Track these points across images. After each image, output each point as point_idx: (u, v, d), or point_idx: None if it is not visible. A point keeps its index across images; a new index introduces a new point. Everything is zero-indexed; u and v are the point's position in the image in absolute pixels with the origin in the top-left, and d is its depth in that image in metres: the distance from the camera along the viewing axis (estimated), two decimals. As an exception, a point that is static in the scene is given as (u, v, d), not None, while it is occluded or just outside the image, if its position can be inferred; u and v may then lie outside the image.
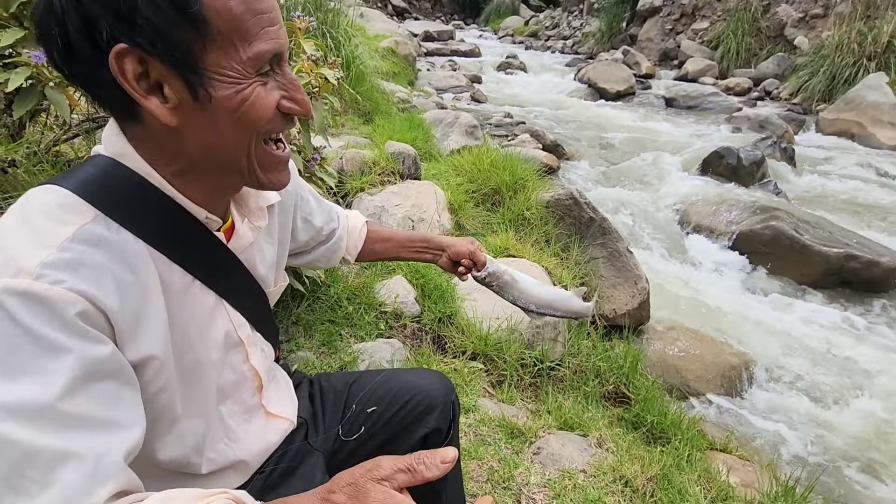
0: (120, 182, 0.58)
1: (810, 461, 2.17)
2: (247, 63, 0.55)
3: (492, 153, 3.36)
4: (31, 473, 0.45)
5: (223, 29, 0.53)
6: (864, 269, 3.44)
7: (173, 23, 0.51)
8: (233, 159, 0.60)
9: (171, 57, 0.52)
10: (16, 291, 0.48)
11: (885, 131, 6.43)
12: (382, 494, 0.46)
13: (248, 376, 0.78)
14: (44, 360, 0.48)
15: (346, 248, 1.07)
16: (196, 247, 0.65)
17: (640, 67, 9.65)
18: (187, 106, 0.55)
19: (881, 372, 2.71)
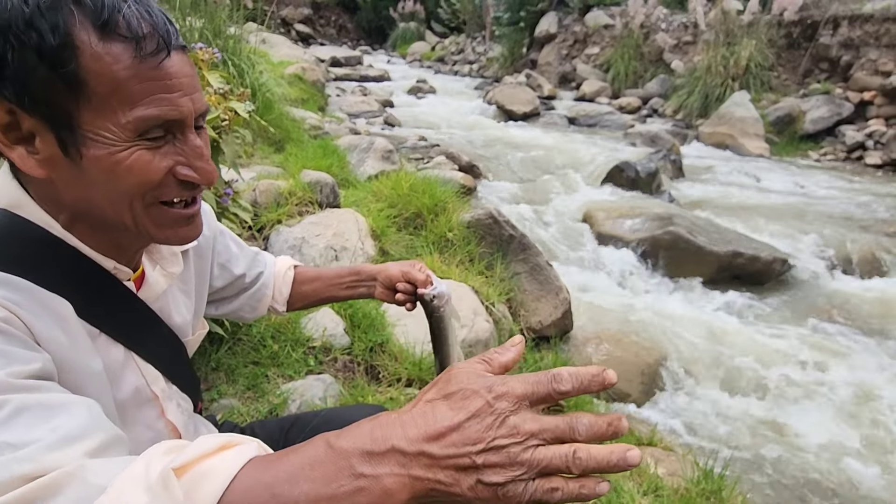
0: (16, 235, 0.55)
1: (724, 443, 2.38)
2: (125, 126, 0.52)
3: (410, 177, 3.39)
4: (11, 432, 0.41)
5: (101, 91, 0.50)
6: (748, 264, 3.88)
7: (44, 80, 0.49)
8: (114, 217, 0.57)
9: (40, 112, 0.50)
10: None
11: (752, 141, 7.36)
12: (472, 373, 0.42)
13: (165, 433, 0.73)
14: None
15: (272, 295, 0.99)
16: (102, 299, 0.61)
17: (543, 89, 10.29)
18: (59, 160, 0.53)
19: (773, 354, 3.05)
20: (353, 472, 0.39)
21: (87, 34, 0.49)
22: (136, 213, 0.57)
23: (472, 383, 0.41)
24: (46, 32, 0.48)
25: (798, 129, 7.60)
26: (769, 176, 6.32)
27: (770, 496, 2.14)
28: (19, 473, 0.38)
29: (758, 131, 7.38)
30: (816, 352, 3.09)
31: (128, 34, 0.51)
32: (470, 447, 0.39)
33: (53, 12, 0.48)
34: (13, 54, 0.48)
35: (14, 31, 0.47)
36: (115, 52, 0.50)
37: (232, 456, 0.41)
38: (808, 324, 3.43)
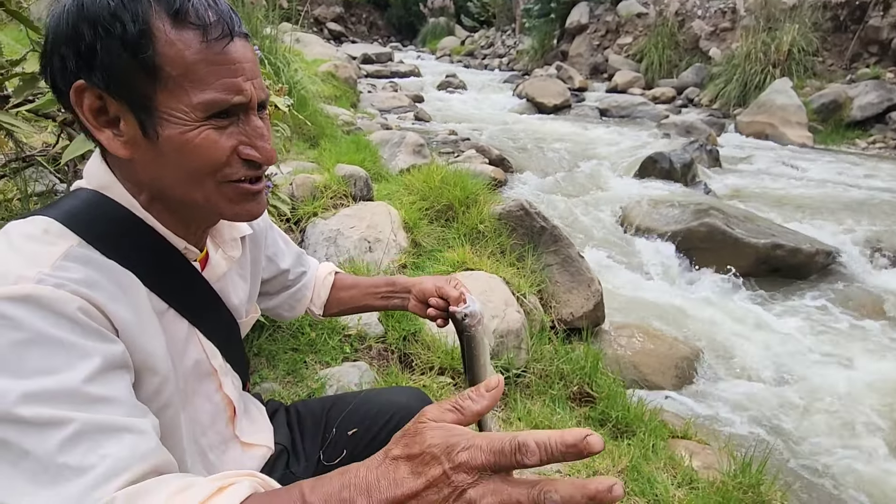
0: (103, 214, 0.59)
1: (762, 437, 2.33)
2: (196, 107, 0.56)
3: (441, 170, 3.42)
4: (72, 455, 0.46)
5: (174, 74, 0.55)
6: (789, 256, 3.75)
7: (127, 66, 0.54)
8: (185, 193, 0.61)
9: (124, 96, 0.55)
10: (18, 297, 0.48)
11: (794, 130, 7.08)
12: (437, 430, 0.41)
13: (222, 405, 0.78)
14: (59, 360, 0.48)
15: (311, 297, 1.02)
16: (174, 276, 0.66)
17: (574, 81, 10.14)
18: (139, 141, 0.57)
19: (811, 351, 2.95)
20: None
21: (162, 22, 0.54)
22: (208, 191, 0.61)
23: (435, 446, 0.39)
24: (128, 22, 0.53)
25: (844, 116, 7.26)
26: (812, 166, 6.08)
27: (809, 494, 2.09)
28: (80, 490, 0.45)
29: (800, 119, 7.09)
30: (860, 348, 2.98)
31: (196, 21, 0.55)
32: None
33: (134, 3, 0.53)
34: (101, 44, 0.53)
35: (101, 23, 0.53)
36: (186, 38, 0.55)
37: (226, 498, 0.46)
38: (851, 319, 3.30)
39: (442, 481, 0.38)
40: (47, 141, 2.25)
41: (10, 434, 0.46)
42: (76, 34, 0.53)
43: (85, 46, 0.53)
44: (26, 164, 1.82)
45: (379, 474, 0.42)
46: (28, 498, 0.44)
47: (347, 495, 0.42)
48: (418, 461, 0.40)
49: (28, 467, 0.45)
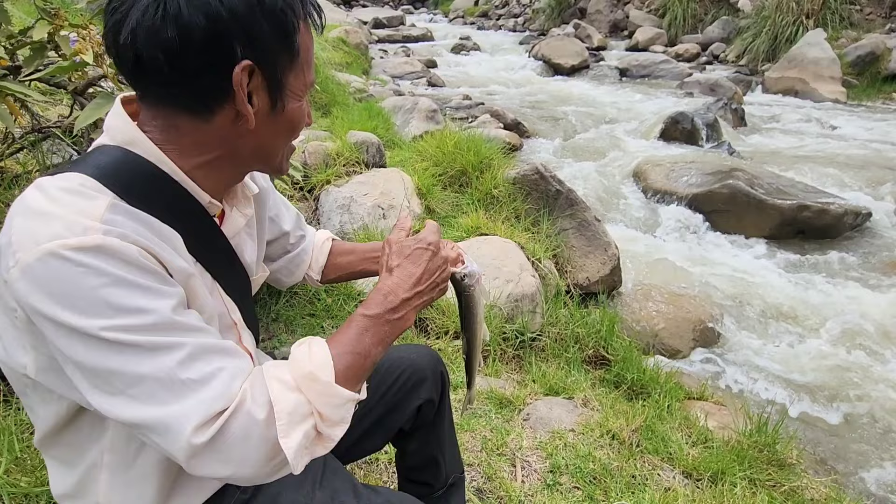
0: (131, 169, 0.62)
1: (778, 399, 2.31)
2: (308, 85, 0.69)
3: (454, 136, 3.37)
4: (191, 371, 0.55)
5: (302, 59, 0.67)
6: (815, 217, 3.63)
7: (280, 50, 0.63)
8: (273, 154, 0.71)
9: (271, 76, 0.63)
10: (91, 247, 0.52)
11: (826, 85, 6.74)
12: (408, 240, 0.75)
13: None
14: (143, 299, 0.54)
15: (309, 262, 1.02)
16: (200, 230, 0.69)
17: (592, 40, 9.78)
18: (264, 113, 0.65)
19: (837, 312, 2.89)
20: (388, 323, 0.68)
21: (300, 18, 0.65)
22: (284, 150, 0.73)
23: (413, 245, 0.74)
24: (292, 14, 0.63)
25: (882, 68, 6.88)
26: (845, 122, 5.81)
27: (825, 453, 2.08)
28: (215, 410, 0.55)
29: (833, 74, 6.74)
30: (887, 310, 2.90)
31: (314, 18, 0.68)
32: (434, 277, 0.74)
33: (294, 1, 0.63)
34: (269, 27, 0.61)
35: (275, 14, 0.61)
36: (309, 31, 0.67)
37: (318, 343, 0.65)
38: (880, 280, 3.20)
39: (430, 258, 0.73)
40: (62, 113, 2.27)
41: (122, 363, 0.52)
42: (252, 18, 0.59)
43: (258, 29, 0.60)
44: (43, 137, 1.85)
45: (398, 277, 0.71)
46: (162, 411, 0.53)
47: (392, 297, 0.69)
48: (413, 256, 0.73)
49: (145, 390, 0.53)
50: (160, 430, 0.54)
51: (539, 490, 1.46)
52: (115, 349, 0.52)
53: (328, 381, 0.60)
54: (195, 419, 0.53)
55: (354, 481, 0.83)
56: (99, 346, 0.52)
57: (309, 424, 0.59)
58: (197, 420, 0.53)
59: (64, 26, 1.35)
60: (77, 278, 0.52)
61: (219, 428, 0.54)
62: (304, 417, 0.58)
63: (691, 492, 1.51)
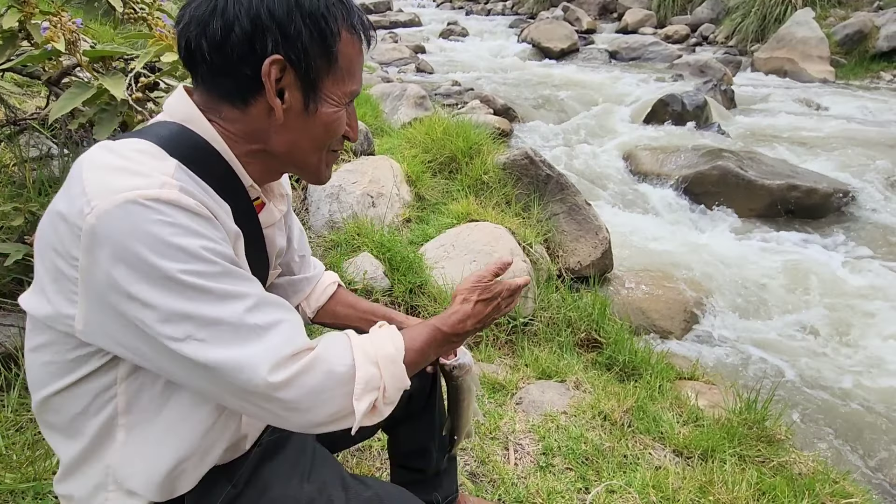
0: (191, 142, 0.67)
1: (768, 377, 2.34)
2: (347, 94, 0.72)
3: (443, 122, 3.34)
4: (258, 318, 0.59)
5: (342, 67, 0.69)
6: (804, 197, 3.65)
7: (317, 53, 0.66)
8: (305, 157, 0.73)
9: (304, 75, 0.67)
10: (168, 200, 0.56)
11: (815, 65, 6.74)
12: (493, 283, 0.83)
13: None
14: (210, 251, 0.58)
15: (308, 295, 1.01)
16: (242, 209, 0.72)
17: (581, 23, 9.70)
18: (296, 112, 0.68)
19: (825, 290, 2.92)
20: (449, 342, 0.80)
21: (345, 27, 0.68)
22: (320, 157, 0.75)
23: (497, 290, 0.83)
24: (332, 22, 0.66)
25: (869, 47, 6.89)
26: (833, 102, 5.82)
27: (814, 429, 2.11)
28: (285, 354, 0.59)
29: (822, 53, 6.74)
30: (874, 288, 2.93)
31: (362, 33, 0.71)
32: (488, 320, 0.83)
33: (336, 9, 0.67)
34: (307, 32, 0.65)
35: (315, 17, 0.65)
36: (354, 42, 0.70)
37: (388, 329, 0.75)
38: (868, 258, 3.24)
39: (496, 308, 0.83)
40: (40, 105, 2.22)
41: (196, 306, 0.56)
42: (289, 19, 0.63)
43: (294, 30, 0.64)
44: (20, 129, 1.81)
45: (476, 311, 0.81)
46: (235, 352, 0.57)
47: (464, 325, 0.80)
48: (489, 301, 0.82)
49: (216, 334, 0.57)
50: (235, 372, 0.57)
51: (532, 472, 1.47)
52: (191, 292, 0.56)
53: (403, 367, 0.70)
54: (269, 361, 0.58)
55: (343, 473, 0.83)
56: (175, 288, 0.55)
57: (375, 396, 0.66)
58: (271, 361, 0.58)
59: (35, 14, 1.31)
60: (156, 225, 0.55)
61: (296, 372, 0.60)
62: (374, 389, 0.66)
63: (682, 469, 1.53)
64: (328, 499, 0.77)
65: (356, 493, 0.79)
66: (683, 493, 1.42)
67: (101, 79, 1.31)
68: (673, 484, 1.44)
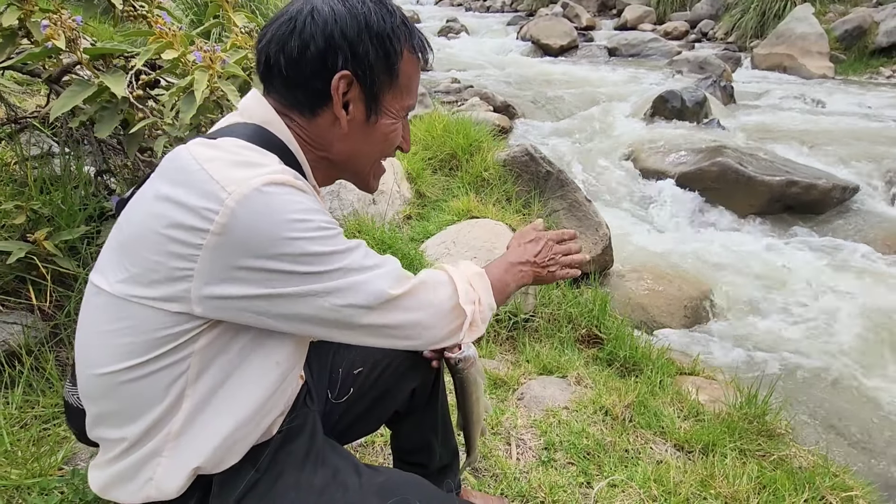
0: (272, 141, 0.73)
1: (768, 372, 2.35)
2: (404, 108, 0.79)
3: (443, 119, 3.34)
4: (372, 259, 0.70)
5: (402, 83, 0.76)
6: (803, 193, 3.65)
7: (381, 70, 0.73)
8: (363, 165, 0.80)
9: (369, 89, 0.74)
10: (287, 182, 0.64)
11: (814, 61, 6.74)
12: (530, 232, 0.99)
13: None
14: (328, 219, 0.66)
15: None
16: None
17: (581, 20, 9.69)
18: (359, 123, 0.75)
19: (824, 286, 2.93)
20: (519, 270, 0.94)
21: (406, 48, 0.75)
22: (374, 165, 0.82)
23: (533, 234, 0.99)
24: (396, 41, 0.73)
25: (869, 43, 6.88)
26: (832, 98, 5.82)
27: (814, 424, 2.12)
28: (400, 274, 0.72)
29: (821, 49, 6.73)
30: (874, 283, 2.94)
31: (422, 53, 0.79)
32: (545, 259, 0.96)
33: (399, 30, 0.74)
34: (374, 51, 0.72)
35: (382, 37, 0.72)
36: (414, 61, 0.78)
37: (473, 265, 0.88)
38: (867, 254, 3.24)
39: (544, 245, 0.97)
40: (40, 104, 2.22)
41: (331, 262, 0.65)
42: (359, 39, 0.70)
43: (363, 49, 0.71)
44: (20, 128, 1.80)
45: (524, 248, 0.96)
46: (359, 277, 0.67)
47: (522, 254, 0.95)
48: (533, 242, 0.97)
49: (350, 275, 0.67)
50: (361, 290, 0.67)
51: (534, 467, 1.47)
52: (322, 242, 0.64)
53: (489, 283, 0.85)
54: (388, 279, 0.70)
55: (355, 460, 0.84)
56: (312, 241, 0.64)
57: (474, 307, 0.80)
58: (389, 280, 0.70)
59: (34, 11, 1.31)
60: (287, 203, 0.63)
61: (412, 284, 0.73)
62: (472, 301, 0.80)
63: (683, 464, 1.54)
64: (342, 484, 0.77)
65: (369, 478, 0.79)
66: (684, 487, 1.42)
67: (102, 76, 1.31)
68: (674, 478, 1.45)
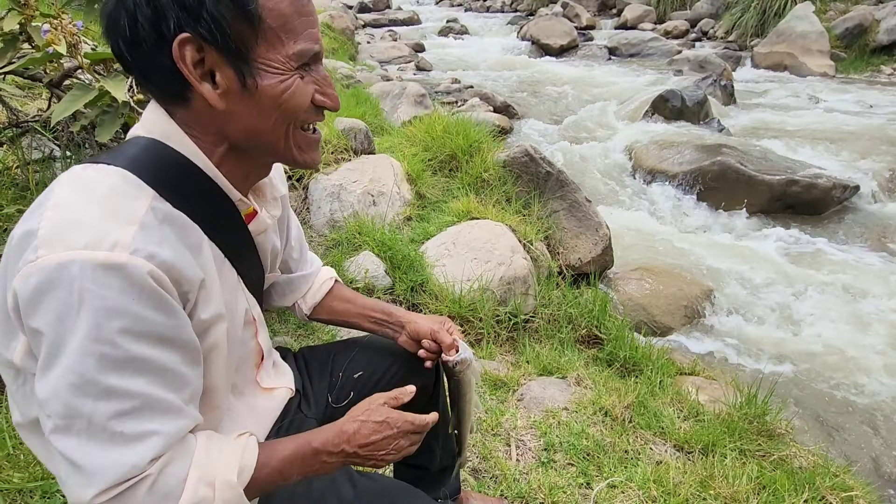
0: (168, 163, 0.62)
1: (768, 372, 2.35)
2: (291, 57, 0.61)
3: (443, 120, 3.34)
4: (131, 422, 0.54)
5: (274, 25, 0.59)
6: (804, 192, 3.65)
7: (232, 17, 0.57)
8: (271, 142, 0.65)
9: (226, 47, 0.58)
10: (114, 265, 0.52)
11: (815, 59, 6.72)
12: (388, 410, 0.74)
13: (253, 353, 0.82)
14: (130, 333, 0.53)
15: (305, 292, 0.99)
16: (230, 228, 0.69)
17: (581, 20, 9.68)
18: (236, 92, 0.60)
19: (825, 285, 2.92)
20: (322, 462, 0.70)
21: None
22: (288, 138, 0.66)
23: (385, 418, 0.74)
24: None
25: (870, 41, 6.87)
26: (833, 97, 5.81)
27: (815, 424, 2.12)
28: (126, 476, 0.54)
29: (822, 47, 6.72)
30: (875, 282, 2.94)
31: None
32: (380, 453, 0.73)
33: None
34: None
35: None
36: None
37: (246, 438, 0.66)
38: (867, 253, 3.24)
39: (391, 438, 0.73)
40: (41, 107, 2.23)
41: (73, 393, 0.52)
42: None
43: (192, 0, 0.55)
44: (22, 132, 1.82)
45: (360, 432, 0.72)
46: (84, 456, 0.53)
47: (335, 442, 0.70)
48: (379, 426, 0.73)
49: (80, 427, 0.53)
50: (70, 471, 0.54)
51: (534, 468, 1.48)
52: (78, 374, 0.52)
53: (240, 492, 0.62)
54: (104, 480, 0.53)
55: (350, 469, 0.85)
56: (69, 362, 0.52)
57: None
58: (105, 482, 0.53)
59: (35, 16, 1.31)
60: (82, 294, 0.51)
61: (121, 492, 0.54)
62: None
63: (682, 464, 1.54)
64: (338, 494, 0.78)
65: (365, 487, 0.80)
66: (684, 488, 1.43)
67: (103, 81, 1.32)
68: (674, 478, 1.45)
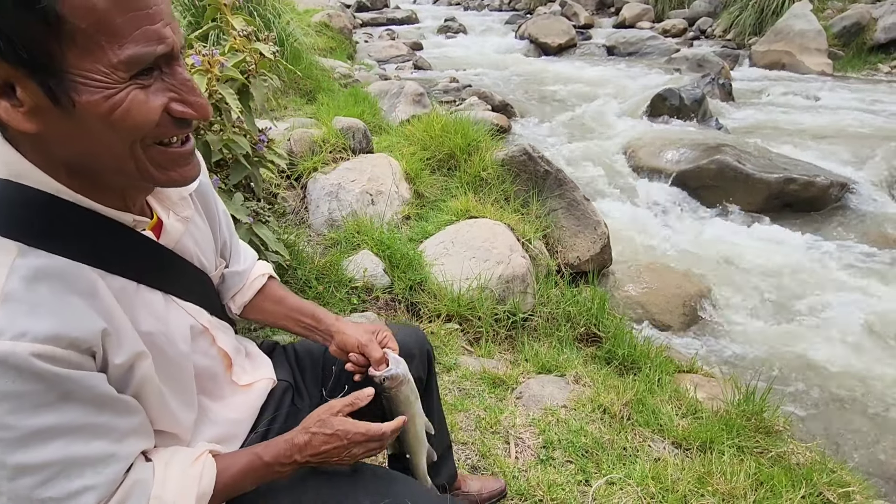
0: (27, 205, 0.53)
1: (766, 369, 2.36)
2: (118, 66, 0.48)
3: (441, 119, 3.34)
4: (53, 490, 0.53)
5: (85, 27, 0.46)
6: (802, 190, 3.66)
7: (19, 22, 0.44)
8: (115, 165, 0.54)
9: (20, 58, 0.46)
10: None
11: (813, 57, 6.73)
12: (340, 421, 0.75)
13: (219, 359, 0.81)
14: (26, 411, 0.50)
15: (235, 292, 0.92)
16: (127, 252, 0.62)
17: (579, 18, 9.68)
18: (48, 111, 0.49)
19: (823, 283, 2.93)
20: (274, 472, 0.72)
21: None
22: (138, 158, 0.54)
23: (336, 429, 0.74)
24: None
25: (867, 39, 6.88)
26: (831, 95, 5.82)
27: (812, 421, 2.13)
28: None
29: (819, 46, 6.73)
30: (872, 279, 2.94)
31: None
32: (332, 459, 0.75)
33: None
34: None
35: None
36: None
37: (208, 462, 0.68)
38: (865, 250, 3.25)
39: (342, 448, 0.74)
40: None
41: None
42: None
43: None
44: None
45: (311, 444, 0.72)
46: None
47: (286, 454, 0.71)
48: (330, 438, 0.74)
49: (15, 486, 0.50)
50: None
51: (533, 465, 1.48)
52: None
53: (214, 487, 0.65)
54: None
55: None
56: None
57: None
58: None
59: None
60: None
61: None
62: None
63: (681, 461, 1.54)
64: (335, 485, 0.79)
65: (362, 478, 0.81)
66: (682, 484, 1.43)
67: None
68: (672, 475, 1.46)
